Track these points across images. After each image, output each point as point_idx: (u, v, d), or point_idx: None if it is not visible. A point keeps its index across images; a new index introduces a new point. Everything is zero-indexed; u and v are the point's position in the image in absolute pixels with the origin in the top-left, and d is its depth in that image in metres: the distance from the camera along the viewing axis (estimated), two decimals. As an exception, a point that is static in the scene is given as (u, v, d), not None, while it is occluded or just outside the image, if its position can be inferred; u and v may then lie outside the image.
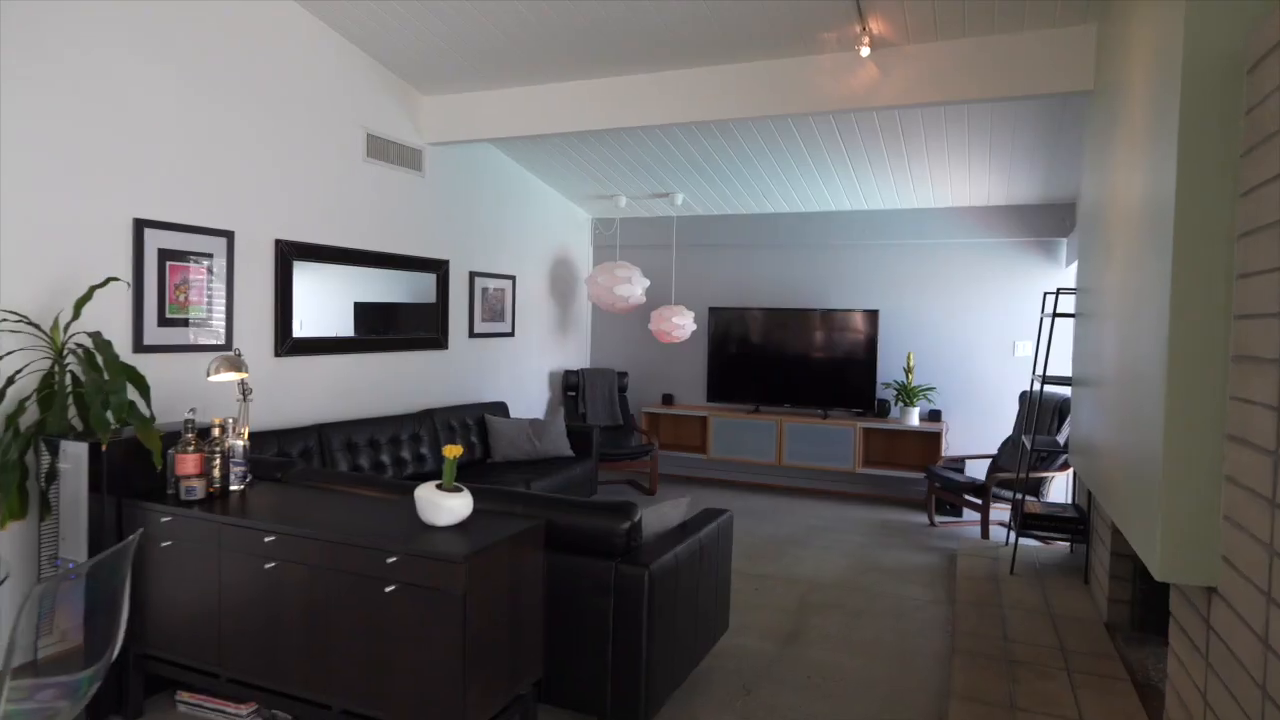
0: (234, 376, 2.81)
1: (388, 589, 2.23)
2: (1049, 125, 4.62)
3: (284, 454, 3.99)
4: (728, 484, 7.00)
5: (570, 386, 6.91)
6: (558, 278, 6.98)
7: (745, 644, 3.50)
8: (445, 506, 2.39)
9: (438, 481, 2.45)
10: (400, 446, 4.80)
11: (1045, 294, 4.67)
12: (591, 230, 7.48)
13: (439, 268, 5.44)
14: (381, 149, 4.87)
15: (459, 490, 2.44)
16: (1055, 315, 4.11)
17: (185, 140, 3.67)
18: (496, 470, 5.18)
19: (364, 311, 4.87)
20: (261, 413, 4.10)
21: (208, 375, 2.80)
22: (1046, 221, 5.97)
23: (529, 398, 6.61)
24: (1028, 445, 4.38)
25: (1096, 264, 3.42)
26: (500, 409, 5.83)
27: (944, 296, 6.39)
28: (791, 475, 6.87)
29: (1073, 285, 5.27)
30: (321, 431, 4.29)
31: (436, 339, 5.46)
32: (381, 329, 5.02)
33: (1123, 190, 2.84)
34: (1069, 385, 4.27)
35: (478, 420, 5.54)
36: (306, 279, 4.40)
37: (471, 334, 5.83)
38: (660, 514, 2.95)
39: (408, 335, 5.21)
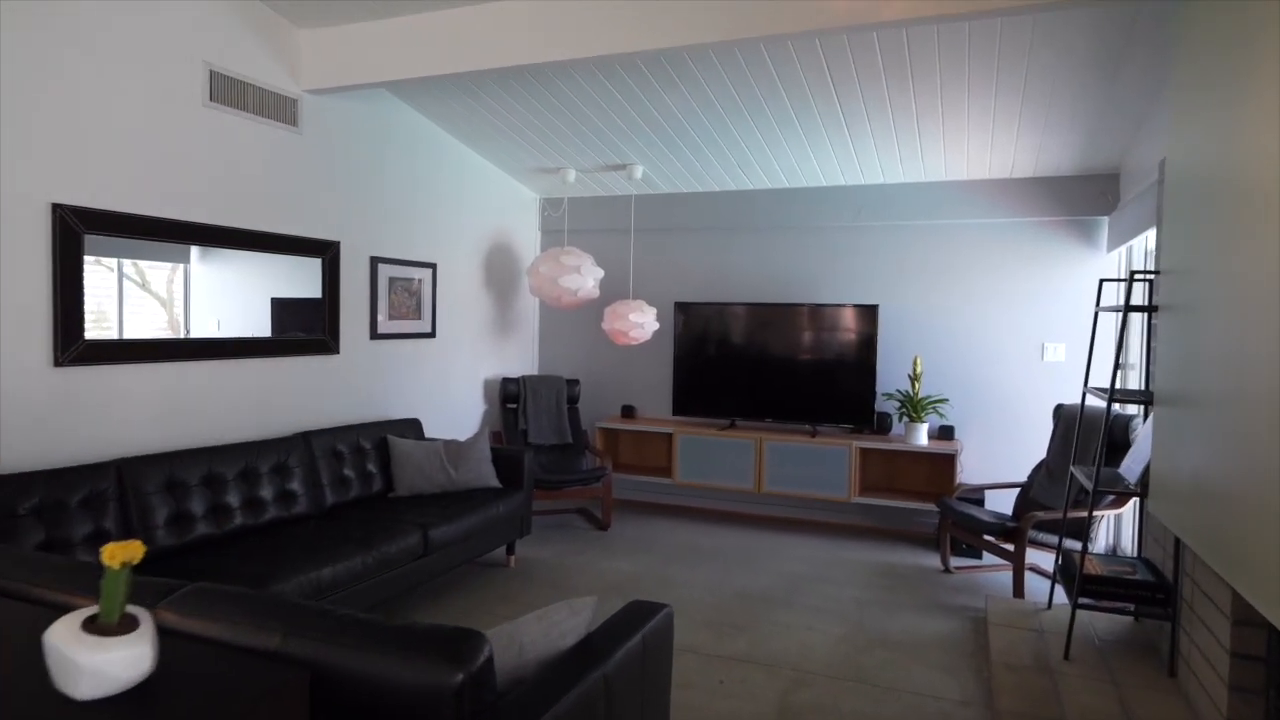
0: None
1: None
2: (1101, 67, 3.50)
3: (50, 505, 2.83)
4: (697, 513, 5.87)
5: (510, 398, 5.77)
6: (496, 267, 5.84)
7: (697, 794, 2.38)
8: (88, 668, 1.24)
9: (90, 612, 1.31)
10: (257, 484, 3.64)
11: (1102, 281, 3.57)
12: (540, 212, 6.33)
13: (326, 250, 4.28)
14: (234, 93, 3.71)
15: (130, 628, 1.30)
16: (1128, 308, 2.99)
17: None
18: (397, 507, 4.03)
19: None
20: (31, 446, 2.95)
21: None
22: (1083, 197, 4.87)
23: (457, 412, 5.46)
24: (1084, 481, 3.28)
25: (1207, 239, 2.31)
26: (412, 428, 4.68)
27: (958, 289, 5.29)
28: (773, 504, 5.75)
29: (1122, 273, 4.17)
30: (124, 469, 3.12)
31: (323, 341, 4.30)
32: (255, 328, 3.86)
33: (1276, 139, 1.74)
34: (1142, 403, 3.17)
35: (378, 443, 4.39)
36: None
37: (374, 335, 4.67)
38: (548, 627, 1.81)
39: (278, 337, 4.05)
